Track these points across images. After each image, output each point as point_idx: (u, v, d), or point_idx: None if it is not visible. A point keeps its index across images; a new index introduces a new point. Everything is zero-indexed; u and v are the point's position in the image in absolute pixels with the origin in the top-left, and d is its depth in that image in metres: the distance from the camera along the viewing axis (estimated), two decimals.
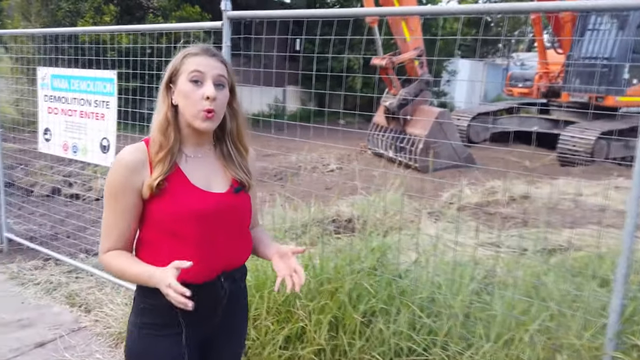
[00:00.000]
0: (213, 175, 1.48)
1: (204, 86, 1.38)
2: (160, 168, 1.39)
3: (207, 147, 1.51)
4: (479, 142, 11.28)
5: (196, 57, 1.41)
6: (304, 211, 5.00)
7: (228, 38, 2.61)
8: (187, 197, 1.41)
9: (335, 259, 2.59)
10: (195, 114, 1.38)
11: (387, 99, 8.77)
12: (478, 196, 6.42)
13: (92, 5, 10.30)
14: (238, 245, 1.51)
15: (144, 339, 1.46)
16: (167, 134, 1.41)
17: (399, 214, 4.98)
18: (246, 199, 1.53)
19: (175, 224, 1.39)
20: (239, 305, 1.60)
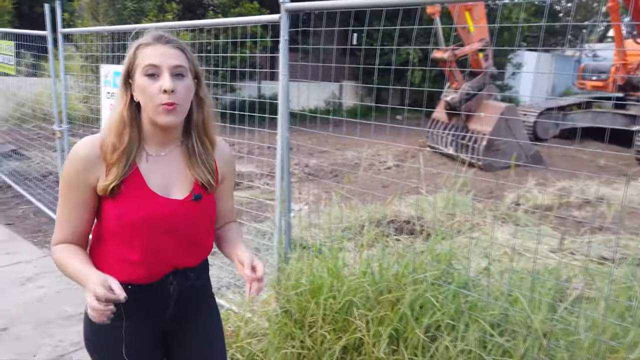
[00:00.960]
0: (174, 177, 1.40)
1: (160, 79, 1.28)
2: (115, 171, 1.30)
3: (172, 146, 1.41)
4: (547, 139, 10.62)
5: (148, 47, 1.30)
6: (360, 211, 4.84)
7: (286, 31, 2.49)
8: (140, 203, 1.33)
9: (396, 266, 2.41)
10: (155, 109, 1.29)
11: (448, 93, 8.40)
12: (548, 198, 5.99)
13: (155, 4, 10.59)
14: (192, 249, 1.44)
15: (92, 326, 1.40)
16: (122, 134, 1.32)
17: (463, 216, 4.71)
18: (207, 205, 1.44)
19: (123, 228, 1.32)
20: (201, 304, 1.54)
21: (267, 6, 11.49)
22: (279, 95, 2.60)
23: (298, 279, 2.58)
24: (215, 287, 3.60)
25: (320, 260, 2.56)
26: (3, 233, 4.72)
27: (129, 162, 1.32)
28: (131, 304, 1.32)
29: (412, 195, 6.55)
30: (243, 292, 3.56)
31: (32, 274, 3.87)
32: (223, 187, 1.54)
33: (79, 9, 12.32)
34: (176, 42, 1.34)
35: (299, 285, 2.41)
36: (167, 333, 1.52)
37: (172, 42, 1.33)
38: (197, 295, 1.52)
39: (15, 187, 5.94)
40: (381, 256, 2.42)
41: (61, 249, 1.36)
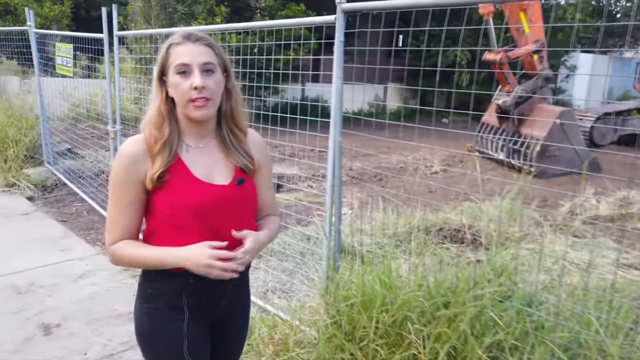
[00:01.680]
0: (215, 165, 1.46)
1: (191, 76, 1.36)
2: (160, 160, 1.38)
3: (209, 137, 1.48)
4: (605, 145, 10.08)
5: (179, 46, 1.38)
6: (408, 217, 4.70)
7: (341, 33, 2.41)
8: (187, 190, 1.39)
9: (453, 278, 2.28)
10: (187, 104, 1.37)
11: (500, 96, 8.09)
12: (608, 208, 5.65)
13: (205, 7, 10.78)
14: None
15: (152, 323, 1.46)
16: (162, 126, 1.40)
17: (517, 225, 4.49)
18: (250, 188, 1.50)
19: (174, 216, 1.38)
20: (244, 290, 1.62)
21: (313, 8, 11.49)
22: (332, 97, 2.52)
23: (348, 288, 2.50)
24: (260, 291, 3.57)
25: (371, 270, 2.46)
26: (58, 229, 4.88)
27: (172, 152, 1.40)
28: (192, 298, 1.44)
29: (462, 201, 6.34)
30: (289, 297, 3.51)
31: (84, 271, 3.96)
32: (260, 176, 1.57)
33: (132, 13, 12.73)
34: (205, 40, 1.40)
35: (350, 296, 2.32)
36: (215, 324, 1.56)
37: (201, 39, 1.39)
38: (245, 283, 1.60)
39: (70, 185, 6.14)
40: (437, 268, 2.29)
41: (123, 245, 1.41)
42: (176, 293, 1.43)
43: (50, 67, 6.56)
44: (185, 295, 1.43)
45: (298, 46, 9.87)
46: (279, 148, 8.70)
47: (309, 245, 4.30)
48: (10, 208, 5.42)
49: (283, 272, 3.84)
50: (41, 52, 6.65)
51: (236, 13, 11.46)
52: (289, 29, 2.99)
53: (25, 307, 3.37)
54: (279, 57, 3.77)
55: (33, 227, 4.94)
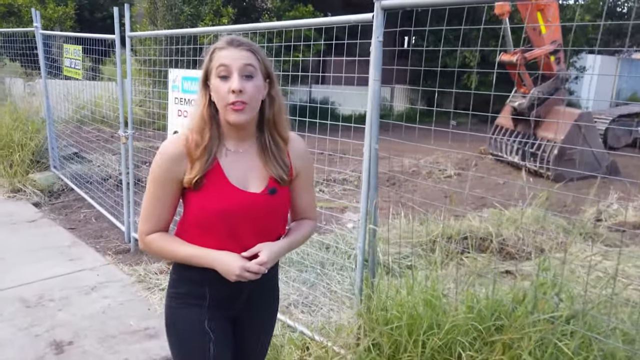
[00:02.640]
0: (251, 172, 1.49)
1: (230, 80, 1.38)
2: (198, 165, 1.42)
3: (249, 142, 1.51)
4: (619, 148, 9.89)
5: (222, 50, 1.41)
6: (430, 225, 4.52)
7: (380, 32, 2.24)
8: (221, 196, 1.43)
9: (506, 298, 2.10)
10: (224, 108, 1.40)
11: (516, 98, 7.91)
12: (634, 214, 5.46)
13: (211, 8, 10.62)
14: (266, 239, 1.50)
15: (175, 308, 1.54)
16: (203, 132, 1.43)
17: (545, 234, 4.31)
18: (282, 198, 1.52)
19: (203, 218, 1.44)
20: (269, 285, 1.64)
21: (321, 9, 11.32)
22: (369, 101, 2.35)
23: (386, 307, 2.32)
24: (283, 306, 3.39)
25: (412, 288, 2.28)
26: (66, 237, 4.71)
27: (211, 157, 1.43)
28: (213, 288, 1.51)
29: (480, 206, 6.16)
30: (313, 311, 3.33)
31: (95, 282, 3.78)
32: (299, 182, 1.59)
33: (137, 15, 12.57)
34: (247, 45, 1.42)
35: (393, 318, 2.14)
36: (235, 320, 1.61)
37: (244, 44, 1.42)
38: (266, 288, 1.62)
39: (77, 190, 5.97)
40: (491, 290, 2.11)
41: (158, 237, 1.49)
42: (198, 283, 1.50)
43: (55, 69, 6.41)
44: (207, 285, 1.50)
45: (305, 48, 9.71)
46: None
47: (328, 255, 4.12)
48: (16, 215, 5.25)
49: (304, 284, 3.67)
50: (47, 53, 6.49)
51: (243, 14, 11.29)
52: (298, 30, 2.85)
53: (35, 323, 3.19)
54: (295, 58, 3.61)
55: (40, 234, 4.76)
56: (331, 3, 11.96)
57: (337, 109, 11.40)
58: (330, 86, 13.00)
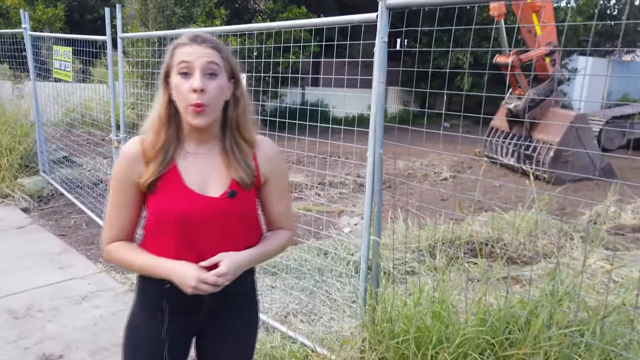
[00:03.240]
0: (212, 175, 1.40)
1: (191, 78, 1.30)
2: (152, 167, 1.35)
3: (211, 144, 1.42)
4: (613, 149, 9.90)
5: (184, 47, 1.34)
6: (430, 230, 4.44)
7: (385, 32, 2.15)
8: (175, 199, 1.36)
9: (516, 309, 2.02)
10: (185, 108, 1.32)
11: (511, 100, 7.88)
12: (632, 217, 5.42)
13: (203, 10, 10.50)
14: (229, 249, 1.39)
15: (135, 317, 1.49)
16: (159, 132, 1.37)
17: (547, 238, 4.25)
18: (244, 202, 1.42)
19: (158, 222, 1.38)
20: (239, 311, 1.52)
21: (315, 11, 11.24)
22: (372, 104, 2.26)
23: (391, 318, 2.23)
24: (281, 315, 3.29)
25: (419, 298, 2.19)
26: (56, 244, 4.57)
27: (167, 159, 1.36)
28: (171, 302, 1.43)
29: (478, 209, 6.10)
30: (312, 320, 3.23)
31: (87, 292, 3.66)
32: (269, 188, 1.50)
33: (128, 16, 12.40)
34: (211, 42, 1.34)
35: (400, 332, 2.05)
36: (199, 334, 1.55)
37: (208, 41, 1.34)
38: (234, 301, 1.50)
39: (67, 195, 5.83)
40: (501, 301, 2.02)
41: (119, 246, 1.41)
42: (156, 296, 1.44)
43: (44, 71, 6.27)
44: (165, 298, 1.43)
45: (298, 49, 9.61)
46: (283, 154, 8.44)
47: (327, 261, 4.02)
48: (5, 221, 5.10)
49: (302, 292, 3.57)
50: (36, 55, 6.35)
51: (235, 16, 11.19)
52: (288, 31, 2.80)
53: (24, 335, 3.06)
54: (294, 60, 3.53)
55: (29, 241, 4.62)
56: (325, 5, 11.90)
57: (331, 111, 11.32)
58: (323, 88, 12.92)
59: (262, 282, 3.68)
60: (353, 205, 6.47)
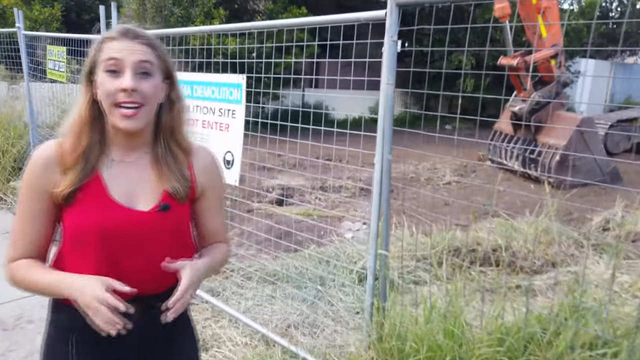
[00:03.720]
0: (141, 186, 1.24)
1: (121, 76, 1.15)
2: (71, 176, 1.18)
3: (141, 151, 1.26)
4: (618, 153, 9.77)
5: (113, 41, 1.18)
6: (435, 237, 4.30)
7: (395, 30, 2.01)
8: (96, 212, 1.18)
9: (536, 326, 1.87)
10: (111, 110, 1.16)
11: (516, 103, 7.74)
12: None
13: (202, 10, 10.37)
14: (159, 272, 1.21)
15: (45, 349, 1.30)
16: (80, 135, 1.20)
17: (556, 245, 4.11)
18: (178, 217, 1.27)
19: (77, 239, 1.19)
20: (172, 336, 1.33)
21: (314, 12, 11.11)
22: (381, 107, 2.12)
23: (400, 335, 2.08)
24: (282, 327, 3.14)
25: (429, 315, 2.04)
26: None
27: (88, 167, 1.20)
28: (81, 336, 1.22)
29: (483, 214, 5.96)
30: (314, 333, 3.09)
31: None
32: (206, 201, 1.35)
33: (125, 17, 12.28)
34: (145, 38, 1.20)
35: (408, 352, 1.90)
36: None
37: (141, 37, 1.20)
38: (165, 327, 1.25)
39: None
40: (518, 315, 1.88)
41: (23, 265, 1.21)
42: (65, 328, 1.24)
43: (39, 72, 6.13)
44: (76, 333, 1.23)
45: (298, 50, 9.49)
46: (282, 157, 8.30)
47: (329, 268, 3.88)
48: None
49: (303, 302, 3.42)
50: (31, 55, 6.21)
51: (234, 16, 11.06)
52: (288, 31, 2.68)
53: (13, 347, 2.92)
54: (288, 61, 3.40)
55: None
56: (324, 5, 11.77)
57: (332, 113, 11.19)
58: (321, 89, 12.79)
59: (261, 292, 3.54)
60: (354, 209, 6.34)
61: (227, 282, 3.65)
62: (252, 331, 3.06)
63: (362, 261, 3.89)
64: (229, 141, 2.90)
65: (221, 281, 3.69)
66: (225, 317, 3.22)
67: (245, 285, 3.65)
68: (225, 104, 2.90)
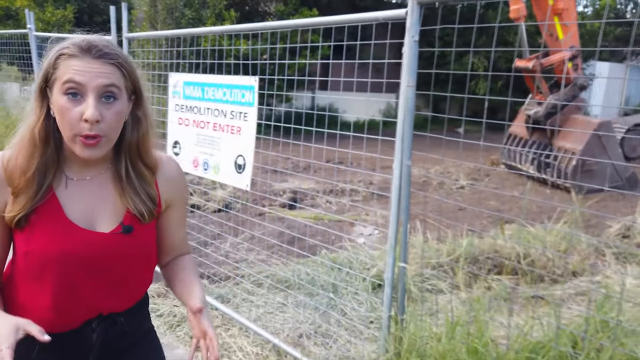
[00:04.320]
0: (101, 206, 1.14)
1: (83, 102, 1.02)
2: (23, 200, 1.06)
3: (101, 167, 1.16)
4: (635, 158, 9.57)
5: (72, 59, 1.03)
6: (450, 243, 4.18)
7: (416, 30, 1.91)
8: (53, 236, 1.08)
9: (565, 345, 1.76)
10: (72, 138, 1.04)
11: (531, 106, 7.59)
12: None
13: (213, 12, 10.34)
14: (120, 291, 1.18)
15: None
16: (32, 156, 1.07)
17: (577, 254, 3.98)
18: (142, 238, 1.18)
19: (32, 266, 1.09)
20: (135, 344, 1.27)
21: (325, 13, 11.04)
22: (400, 111, 2.02)
23: (420, 350, 1.98)
24: (293, 337, 3.05)
25: (452, 330, 1.94)
26: None
27: (42, 188, 1.08)
28: (43, 355, 1.14)
29: (497, 220, 5.82)
30: (327, 343, 2.99)
31: None
32: (170, 215, 1.27)
33: (137, 19, 12.30)
34: (112, 56, 1.05)
35: None
36: None
37: (107, 55, 1.04)
38: (128, 338, 1.25)
39: None
40: (547, 329, 1.77)
41: None
42: (26, 347, 1.09)
43: None
44: (37, 350, 1.14)
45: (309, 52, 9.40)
46: (292, 160, 8.21)
47: (341, 275, 3.78)
48: None
49: (315, 311, 3.32)
50: (42, 57, 6.20)
51: (245, 18, 11.02)
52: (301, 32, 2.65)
53: None
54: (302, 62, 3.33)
55: None
56: (335, 7, 11.69)
57: (342, 116, 11.10)
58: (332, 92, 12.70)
59: (271, 299, 3.44)
60: (366, 214, 6.23)
61: (237, 289, 3.56)
62: (263, 340, 2.97)
63: (375, 268, 3.78)
64: (241, 144, 2.81)
65: (231, 288, 3.60)
66: (236, 325, 3.13)
67: (255, 292, 3.56)
68: (237, 106, 2.81)
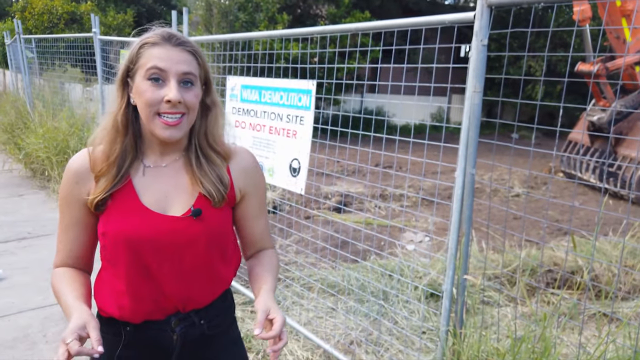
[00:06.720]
0: (175, 191, 1.18)
1: (165, 86, 1.09)
2: (103, 183, 1.14)
3: (175, 156, 1.21)
4: None
5: (155, 47, 1.11)
6: (506, 253, 4.02)
7: (485, 34, 1.84)
8: (126, 218, 1.14)
9: None
10: (152, 119, 1.11)
11: (594, 112, 7.22)
12: None
13: (266, 15, 10.48)
14: (197, 282, 1.19)
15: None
16: (114, 142, 1.15)
17: None
18: (213, 222, 1.18)
19: (108, 248, 1.16)
20: (219, 354, 1.28)
21: (378, 16, 10.97)
22: (465, 117, 1.95)
23: None
24: (343, 344, 3.01)
25: (519, 348, 1.84)
26: None
27: (121, 173, 1.16)
28: (127, 351, 1.20)
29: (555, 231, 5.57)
30: (378, 351, 2.93)
31: None
32: (247, 205, 1.28)
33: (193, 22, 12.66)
34: (189, 45, 1.14)
35: None
36: None
37: (185, 44, 1.13)
38: (212, 346, 1.26)
39: None
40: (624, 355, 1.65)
41: (58, 273, 1.20)
42: (111, 342, 1.19)
43: (112, 75, 6.38)
44: (121, 346, 1.20)
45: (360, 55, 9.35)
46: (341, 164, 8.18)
47: (392, 282, 3.71)
48: None
49: (365, 318, 3.27)
50: (104, 59, 6.47)
51: (298, 21, 11.11)
52: (352, 36, 2.56)
53: None
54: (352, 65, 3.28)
55: None
56: (388, 9, 11.59)
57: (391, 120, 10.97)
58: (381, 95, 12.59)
59: (321, 303, 3.42)
60: (416, 220, 6.11)
61: (287, 291, 3.57)
62: (313, 345, 2.95)
63: (427, 277, 3.69)
64: (296, 148, 2.81)
65: (281, 290, 3.61)
66: (286, 328, 3.12)
67: (305, 295, 3.55)
68: (293, 110, 2.81)
